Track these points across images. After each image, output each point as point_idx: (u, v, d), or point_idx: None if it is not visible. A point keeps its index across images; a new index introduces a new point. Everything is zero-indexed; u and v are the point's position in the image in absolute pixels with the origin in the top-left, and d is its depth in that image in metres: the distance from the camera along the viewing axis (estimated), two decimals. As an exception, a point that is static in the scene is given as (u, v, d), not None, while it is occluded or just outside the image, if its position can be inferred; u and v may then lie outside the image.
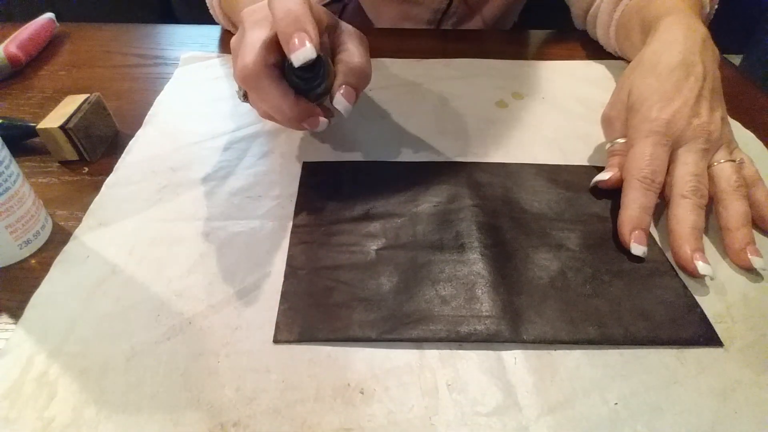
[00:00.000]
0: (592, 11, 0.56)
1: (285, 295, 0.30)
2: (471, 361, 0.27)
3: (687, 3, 0.44)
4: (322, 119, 0.35)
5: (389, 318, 0.29)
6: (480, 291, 0.30)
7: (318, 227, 0.35)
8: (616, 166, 0.37)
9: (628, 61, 0.53)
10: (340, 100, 0.34)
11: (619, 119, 0.39)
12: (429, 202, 0.37)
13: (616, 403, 0.26)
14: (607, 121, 0.41)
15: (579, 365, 0.27)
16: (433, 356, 0.28)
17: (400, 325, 0.29)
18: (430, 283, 0.31)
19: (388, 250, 0.33)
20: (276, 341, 0.28)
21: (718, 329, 0.29)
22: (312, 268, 0.32)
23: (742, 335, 0.29)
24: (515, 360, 0.27)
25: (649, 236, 0.34)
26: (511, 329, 0.28)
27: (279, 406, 0.25)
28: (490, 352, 0.28)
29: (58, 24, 0.59)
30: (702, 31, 0.40)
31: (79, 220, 0.35)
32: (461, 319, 0.29)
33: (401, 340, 0.28)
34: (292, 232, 0.34)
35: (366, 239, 0.34)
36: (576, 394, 0.26)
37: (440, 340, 0.28)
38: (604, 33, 0.55)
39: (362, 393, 0.26)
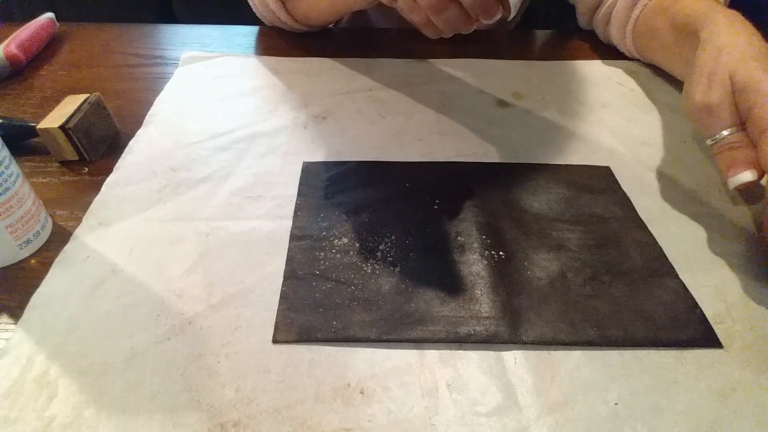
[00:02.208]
0: (603, 11, 0.55)
1: (284, 296, 0.30)
2: (471, 361, 0.27)
3: (718, 1, 0.43)
4: (499, 9, 0.35)
5: (388, 318, 0.29)
6: (479, 292, 0.30)
7: (318, 227, 0.35)
8: (746, 162, 0.33)
9: (645, 62, 0.53)
10: None
11: (725, 106, 0.34)
12: (429, 202, 0.37)
13: (616, 403, 0.26)
14: (707, 110, 0.35)
15: (579, 365, 0.27)
16: (433, 356, 0.28)
17: (399, 325, 0.29)
18: (430, 283, 0.31)
19: (388, 250, 0.33)
20: (275, 341, 0.28)
21: (718, 330, 0.29)
22: (311, 269, 0.32)
23: (742, 336, 0.29)
24: (515, 360, 0.27)
25: (649, 235, 0.34)
26: (510, 330, 0.28)
27: (279, 406, 0.25)
28: (490, 353, 0.28)
29: (58, 24, 0.59)
30: (754, 27, 0.39)
31: (79, 220, 0.35)
32: (460, 319, 0.29)
33: (400, 341, 0.28)
34: (291, 232, 0.34)
35: (366, 239, 0.34)
36: (576, 394, 0.26)
37: (439, 340, 0.28)
38: (619, 32, 0.54)
39: (362, 393, 0.26)
